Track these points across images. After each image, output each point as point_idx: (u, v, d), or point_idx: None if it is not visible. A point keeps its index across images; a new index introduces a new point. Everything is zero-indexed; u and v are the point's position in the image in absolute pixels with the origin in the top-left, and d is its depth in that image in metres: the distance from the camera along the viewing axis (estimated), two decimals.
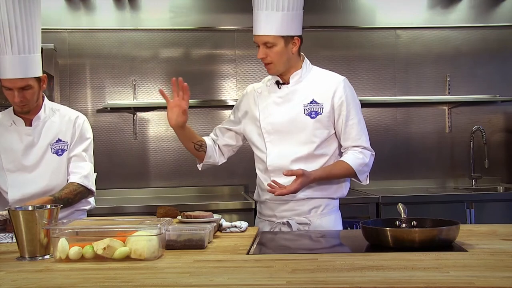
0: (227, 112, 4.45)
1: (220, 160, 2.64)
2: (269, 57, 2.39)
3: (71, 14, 4.36)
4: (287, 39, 2.39)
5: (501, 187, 4.45)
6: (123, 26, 4.36)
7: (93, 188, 2.70)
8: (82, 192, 2.65)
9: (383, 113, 4.54)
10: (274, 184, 2.33)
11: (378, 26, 4.55)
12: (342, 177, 2.48)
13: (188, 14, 4.45)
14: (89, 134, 2.77)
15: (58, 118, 2.70)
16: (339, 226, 2.53)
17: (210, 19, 4.45)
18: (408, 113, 4.59)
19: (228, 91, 4.48)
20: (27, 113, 2.64)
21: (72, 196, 2.60)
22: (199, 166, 2.64)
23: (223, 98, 4.46)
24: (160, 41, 4.43)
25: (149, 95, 4.39)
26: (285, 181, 2.36)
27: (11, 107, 2.70)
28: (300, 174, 2.29)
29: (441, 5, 4.58)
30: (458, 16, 4.60)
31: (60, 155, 2.66)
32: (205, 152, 2.56)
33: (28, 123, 2.65)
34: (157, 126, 4.40)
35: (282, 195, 2.30)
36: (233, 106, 4.50)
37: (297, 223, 2.43)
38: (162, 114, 4.36)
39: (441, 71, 4.58)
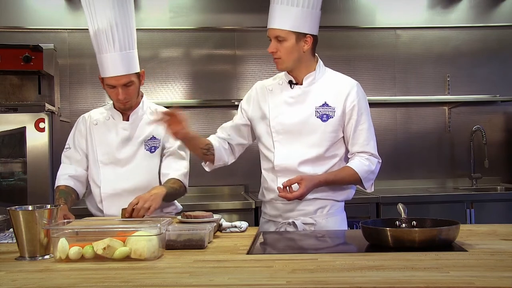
0: (227, 112, 4.44)
1: (230, 160, 2.57)
2: (279, 52, 2.36)
3: (71, 14, 4.35)
4: (299, 36, 2.35)
5: (501, 187, 4.45)
6: None
7: (187, 187, 2.66)
8: (183, 188, 2.62)
9: (383, 113, 4.54)
10: (282, 188, 2.28)
11: (378, 26, 4.55)
12: (347, 183, 2.44)
13: (188, 14, 4.44)
14: None
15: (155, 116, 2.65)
16: (344, 227, 2.51)
17: (210, 19, 4.45)
18: (408, 113, 4.59)
19: (228, 91, 4.47)
20: (129, 109, 2.65)
21: (178, 188, 2.57)
22: (206, 168, 2.56)
23: (223, 98, 4.45)
24: (160, 41, 4.42)
25: (149, 95, 4.37)
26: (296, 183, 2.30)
27: (112, 103, 2.71)
28: (299, 179, 2.26)
29: (441, 5, 4.58)
30: (458, 16, 4.60)
31: (153, 152, 2.64)
32: (213, 155, 2.49)
33: (126, 117, 2.67)
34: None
35: (287, 198, 2.27)
36: (233, 106, 4.48)
37: (303, 223, 2.40)
38: None
39: (441, 71, 4.58)
